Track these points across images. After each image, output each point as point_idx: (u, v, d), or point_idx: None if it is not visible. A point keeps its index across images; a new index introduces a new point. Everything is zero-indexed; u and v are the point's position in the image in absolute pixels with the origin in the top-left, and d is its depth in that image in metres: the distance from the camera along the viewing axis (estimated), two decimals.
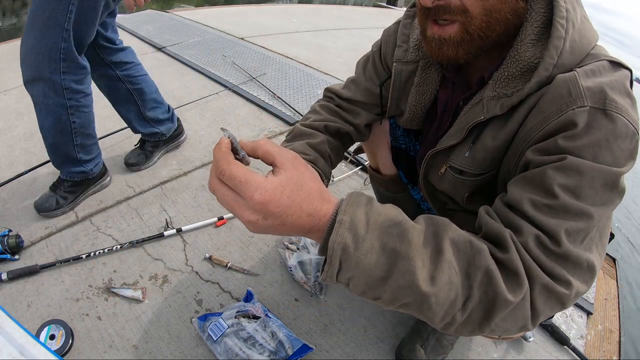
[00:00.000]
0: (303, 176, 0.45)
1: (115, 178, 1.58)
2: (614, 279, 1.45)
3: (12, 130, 1.91)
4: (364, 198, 0.48)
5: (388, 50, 0.81)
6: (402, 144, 0.95)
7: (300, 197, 0.43)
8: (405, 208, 0.52)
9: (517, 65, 0.56)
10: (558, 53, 0.52)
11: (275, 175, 0.43)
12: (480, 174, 0.65)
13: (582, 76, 0.51)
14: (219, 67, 2.68)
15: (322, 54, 3.19)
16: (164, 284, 1.17)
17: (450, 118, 0.72)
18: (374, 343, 1.06)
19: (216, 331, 0.97)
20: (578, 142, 0.49)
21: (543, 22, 0.54)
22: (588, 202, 0.48)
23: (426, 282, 0.44)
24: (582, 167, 0.48)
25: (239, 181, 0.41)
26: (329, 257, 0.44)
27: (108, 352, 0.99)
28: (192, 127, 1.97)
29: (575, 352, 1.10)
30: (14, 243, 1.19)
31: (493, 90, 0.59)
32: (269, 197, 0.41)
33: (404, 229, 0.45)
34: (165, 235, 1.31)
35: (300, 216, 0.44)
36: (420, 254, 0.45)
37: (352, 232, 0.44)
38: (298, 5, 6.16)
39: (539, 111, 0.54)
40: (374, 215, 0.46)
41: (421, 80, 0.75)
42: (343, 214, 0.45)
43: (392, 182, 1.04)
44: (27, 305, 1.08)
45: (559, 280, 0.47)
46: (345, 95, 0.86)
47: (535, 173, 0.51)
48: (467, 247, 0.47)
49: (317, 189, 0.46)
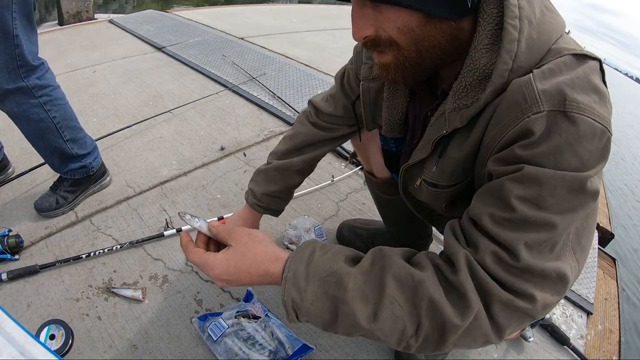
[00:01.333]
0: (246, 247, 0.57)
1: (115, 178, 1.58)
2: (614, 279, 1.45)
3: (12, 130, 1.90)
4: (307, 251, 0.55)
5: (358, 67, 0.82)
6: (392, 147, 0.95)
7: (246, 264, 0.56)
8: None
9: (474, 73, 0.53)
10: (512, 57, 0.49)
11: (223, 252, 0.58)
12: (453, 184, 0.64)
13: (538, 78, 0.48)
14: (219, 67, 2.68)
15: (322, 54, 3.18)
16: (164, 284, 1.17)
17: (420, 129, 0.71)
18: (374, 343, 1.06)
19: (216, 331, 0.97)
20: (536, 149, 0.46)
21: (496, 23, 0.50)
22: (552, 211, 0.46)
23: (368, 320, 0.49)
24: (541, 176, 0.46)
25: (198, 265, 0.59)
26: (286, 309, 0.53)
27: (108, 352, 0.99)
28: (192, 127, 1.97)
29: (575, 352, 1.10)
30: (14, 243, 1.19)
31: (453, 102, 0.57)
32: (219, 271, 0.56)
33: (339, 278, 0.51)
34: (165, 235, 1.31)
35: (252, 278, 0.56)
36: (359, 296, 0.50)
37: (296, 286, 0.52)
38: (298, 5, 6.16)
39: (497, 120, 0.51)
40: (313, 267, 0.52)
41: (390, 95, 0.74)
42: (287, 270, 0.53)
43: (387, 185, 1.04)
44: (27, 305, 1.08)
45: (520, 295, 0.47)
46: (326, 110, 0.91)
47: (495, 185, 0.50)
48: (409, 280, 0.49)
49: (263, 252, 0.56)
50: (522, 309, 0.47)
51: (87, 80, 2.45)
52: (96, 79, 2.48)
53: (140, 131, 1.90)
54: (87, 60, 2.77)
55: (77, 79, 2.47)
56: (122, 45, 3.12)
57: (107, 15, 4.08)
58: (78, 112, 2.05)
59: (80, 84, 2.40)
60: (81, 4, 3.71)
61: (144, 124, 1.92)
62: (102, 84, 2.40)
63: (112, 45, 3.12)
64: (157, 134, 1.90)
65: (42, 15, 7.16)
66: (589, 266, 1.41)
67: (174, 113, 2.06)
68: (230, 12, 4.46)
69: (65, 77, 2.49)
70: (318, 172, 1.69)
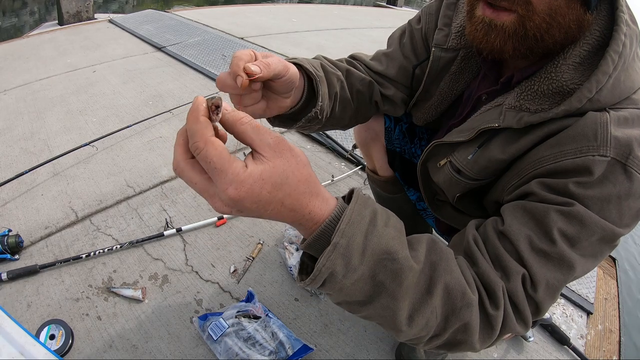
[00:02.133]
0: (289, 165, 0.37)
1: (115, 178, 1.58)
2: (614, 279, 1.45)
3: (12, 130, 1.91)
4: (368, 212, 0.42)
5: (430, 29, 0.74)
6: (396, 147, 0.94)
7: (284, 192, 0.37)
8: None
9: (551, 83, 0.52)
10: (598, 88, 0.48)
11: (256, 165, 0.35)
12: (477, 179, 0.63)
13: (614, 122, 0.48)
14: (219, 67, 2.67)
15: (322, 54, 3.18)
16: (164, 283, 1.17)
17: (468, 110, 0.69)
18: (374, 343, 1.06)
19: (216, 331, 0.97)
20: (589, 191, 0.47)
21: (594, 46, 0.50)
22: (580, 253, 0.48)
23: (403, 322, 0.44)
24: (586, 219, 0.47)
25: (214, 168, 0.34)
26: (314, 275, 0.40)
27: (108, 352, 0.99)
28: None
29: (575, 352, 1.10)
30: (14, 243, 1.19)
31: (516, 99, 0.55)
32: (245, 193, 0.34)
33: (399, 268, 0.41)
34: (165, 235, 1.31)
35: (281, 211, 0.38)
36: (408, 295, 0.43)
37: (346, 259, 0.39)
38: (298, 5, 6.16)
39: (558, 142, 0.50)
40: (374, 240, 0.40)
41: (458, 69, 0.70)
42: (341, 235, 0.39)
43: (389, 183, 1.04)
44: (27, 305, 1.08)
45: (522, 322, 0.49)
46: (375, 68, 0.78)
47: (538, 209, 0.49)
48: (458, 297, 0.45)
49: (305, 179, 0.39)
50: (518, 332, 0.50)
51: (87, 80, 2.45)
52: (96, 79, 2.47)
53: (140, 131, 1.90)
54: (87, 60, 2.77)
55: (77, 79, 2.47)
56: (122, 45, 3.12)
57: (107, 15, 4.08)
58: (78, 112, 2.07)
59: (80, 84, 2.40)
60: (81, 4, 3.71)
61: (143, 124, 1.92)
62: (102, 84, 2.40)
63: (112, 45, 3.12)
64: (157, 134, 1.90)
65: (42, 15, 7.17)
66: None
67: (173, 113, 2.06)
68: (230, 12, 4.45)
69: (65, 77, 2.49)
70: (318, 172, 1.69)
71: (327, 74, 0.68)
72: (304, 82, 0.62)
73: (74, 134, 1.86)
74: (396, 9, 6.40)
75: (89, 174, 1.60)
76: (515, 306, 0.48)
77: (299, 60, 0.61)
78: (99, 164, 1.66)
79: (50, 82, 2.43)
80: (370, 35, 4.06)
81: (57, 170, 1.60)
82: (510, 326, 0.48)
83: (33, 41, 3.19)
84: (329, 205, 0.41)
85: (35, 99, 2.21)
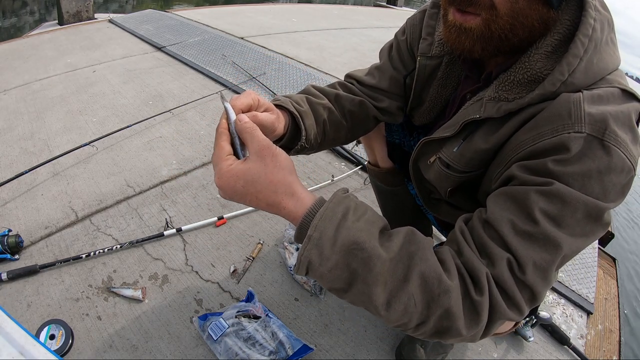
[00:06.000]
0: (264, 168, 0.48)
1: (115, 178, 1.58)
2: (614, 279, 1.45)
3: (12, 130, 1.91)
4: (341, 209, 0.48)
5: (414, 40, 0.79)
6: (396, 138, 0.96)
7: (255, 189, 0.48)
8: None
9: (525, 72, 0.54)
10: (570, 71, 0.50)
11: (239, 164, 0.48)
12: (465, 171, 0.64)
13: (587, 100, 0.49)
14: (219, 66, 2.67)
15: (322, 54, 3.18)
16: (164, 283, 1.17)
17: (454, 109, 0.72)
18: (374, 342, 1.06)
19: (216, 331, 0.97)
20: (568, 168, 0.47)
21: (565, 35, 0.52)
22: (567, 232, 0.48)
23: (380, 306, 0.47)
24: (566, 196, 0.47)
25: (213, 161, 0.50)
26: (297, 263, 0.48)
27: (108, 352, 0.99)
28: (192, 127, 1.97)
29: (575, 352, 1.10)
30: (14, 243, 1.19)
31: (495, 91, 0.58)
32: (224, 183, 0.48)
33: (368, 257, 0.46)
34: (165, 235, 1.31)
35: (259, 204, 0.49)
36: (381, 281, 0.46)
37: (319, 250, 0.46)
38: (298, 5, 6.16)
39: (535, 125, 0.52)
40: (343, 234, 0.47)
41: (444, 74, 0.74)
42: (314, 229, 0.46)
43: (389, 175, 1.05)
44: (27, 305, 1.08)
45: (515, 307, 0.48)
46: (368, 82, 0.83)
47: (519, 192, 0.50)
48: (435, 284, 0.47)
49: (278, 181, 0.48)
50: (511, 319, 0.49)
51: (87, 80, 2.45)
52: (96, 79, 2.47)
53: (140, 131, 1.90)
54: (87, 60, 2.77)
55: (77, 79, 2.47)
56: (122, 45, 3.12)
57: (107, 15, 4.08)
58: (78, 112, 2.07)
59: (80, 83, 2.40)
60: (81, 4, 3.71)
61: (143, 124, 1.92)
62: (102, 84, 2.40)
63: (112, 45, 3.12)
64: (157, 134, 1.90)
65: (42, 15, 7.17)
66: (589, 266, 1.41)
67: (173, 113, 2.06)
68: (230, 12, 4.45)
69: (65, 77, 2.49)
70: (318, 172, 1.69)
71: (312, 105, 0.74)
72: (287, 118, 0.68)
73: (74, 134, 1.86)
74: (396, 8, 6.40)
75: (89, 174, 1.60)
76: (504, 291, 0.48)
77: (282, 102, 0.68)
78: (99, 163, 1.66)
79: (50, 82, 2.43)
80: (370, 35, 4.05)
81: (57, 170, 1.60)
82: (500, 312, 0.48)
83: (33, 41, 3.19)
84: (304, 204, 0.49)
85: (35, 99, 2.21)
